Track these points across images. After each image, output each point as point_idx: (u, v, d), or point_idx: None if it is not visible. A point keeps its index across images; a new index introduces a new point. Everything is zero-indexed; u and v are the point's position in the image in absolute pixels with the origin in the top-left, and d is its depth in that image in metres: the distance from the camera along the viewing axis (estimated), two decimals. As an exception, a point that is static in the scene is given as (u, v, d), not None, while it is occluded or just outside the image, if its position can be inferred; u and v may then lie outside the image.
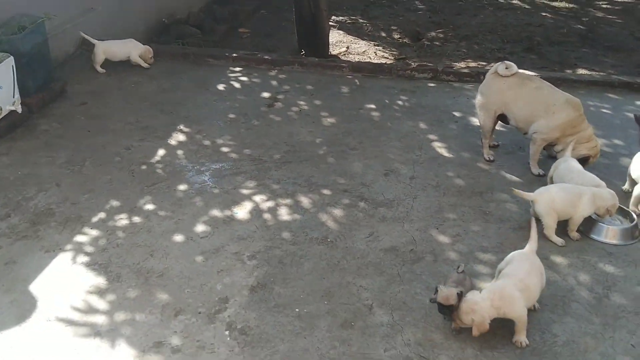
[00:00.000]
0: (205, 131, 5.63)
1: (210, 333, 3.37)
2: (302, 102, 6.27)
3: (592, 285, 3.73)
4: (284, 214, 4.46)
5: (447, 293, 3.21)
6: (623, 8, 10.09)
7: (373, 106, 6.22)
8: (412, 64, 7.23)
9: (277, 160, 5.18)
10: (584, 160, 4.71)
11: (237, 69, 7.08)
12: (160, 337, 3.33)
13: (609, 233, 4.19)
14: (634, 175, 4.50)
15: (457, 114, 6.09)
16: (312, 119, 5.91)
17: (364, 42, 8.50)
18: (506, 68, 4.93)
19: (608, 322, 3.44)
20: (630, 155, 4.78)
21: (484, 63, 7.48)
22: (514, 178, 4.91)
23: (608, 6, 10.23)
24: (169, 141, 5.45)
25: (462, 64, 7.47)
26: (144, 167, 5.05)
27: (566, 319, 3.46)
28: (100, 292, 3.66)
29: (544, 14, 9.78)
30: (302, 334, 3.37)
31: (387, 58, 7.81)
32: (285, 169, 5.04)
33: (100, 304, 3.58)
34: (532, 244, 3.52)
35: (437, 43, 8.50)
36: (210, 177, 4.91)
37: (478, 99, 5.10)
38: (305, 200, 4.62)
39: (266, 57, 7.27)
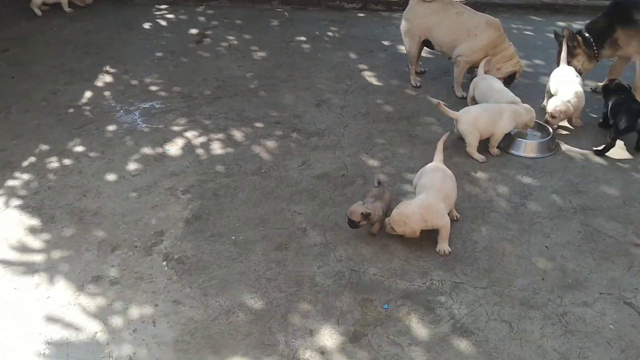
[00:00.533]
0: (132, 71, 5.54)
1: (148, 264, 3.44)
2: (231, 37, 6.21)
3: (510, 196, 3.97)
4: (217, 148, 4.50)
5: (352, 209, 3.42)
6: None
7: (303, 38, 6.22)
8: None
9: (208, 96, 5.17)
10: (511, 77, 4.91)
11: (163, 6, 6.92)
12: (98, 272, 3.38)
13: (527, 147, 4.42)
14: (552, 91, 4.72)
15: (386, 42, 6.17)
16: (241, 54, 5.88)
17: None
18: None
19: (524, 228, 3.69)
20: (550, 74, 4.98)
21: None
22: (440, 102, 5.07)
23: None
24: (95, 83, 5.35)
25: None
26: (71, 110, 4.96)
27: (485, 227, 3.69)
28: (35, 233, 3.66)
29: None
30: (238, 259, 3.48)
31: None
32: (217, 105, 5.04)
33: (36, 243, 3.58)
34: (438, 156, 3.69)
35: None
36: (139, 117, 4.87)
37: (403, 25, 5.18)
38: (237, 134, 4.66)
39: (191, -8, 7.11)
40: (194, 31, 6.33)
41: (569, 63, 4.83)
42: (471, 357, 2.88)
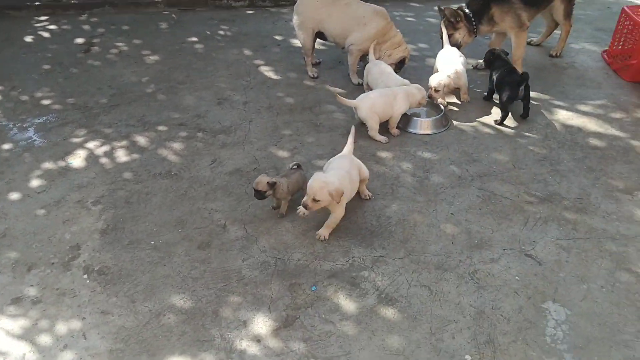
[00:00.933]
0: (21, 86, 5.30)
1: (68, 279, 3.35)
2: (120, 44, 6.08)
3: (414, 171, 4.22)
4: (122, 155, 4.43)
5: (258, 179, 3.60)
6: None
7: (195, 39, 6.20)
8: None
9: (105, 104, 5.06)
10: (401, 62, 5.17)
11: (43, 17, 6.63)
12: (16, 293, 3.26)
13: (423, 125, 4.70)
14: (439, 70, 5.04)
15: (278, 37, 6.28)
16: (134, 59, 5.78)
17: None
18: None
19: (430, 199, 3.94)
20: (434, 56, 5.31)
21: None
22: (338, 90, 5.22)
23: None
24: (-20, 102, 5.07)
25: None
26: (-43, 132, 4.68)
27: (396, 202, 3.91)
28: (-64, 265, 3.46)
29: None
30: (161, 262, 3.48)
31: None
32: (115, 112, 4.94)
33: (-60, 276, 3.39)
34: (348, 147, 3.86)
35: None
36: (35, 132, 4.69)
37: (295, 19, 5.31)
38: (141, 140, 4.61)
39: (73, 1, 6.85)
40: (80, 40, 6.14)
41: (451, 35, 5.15)
42: (398, 322, 3.07)
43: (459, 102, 5.07)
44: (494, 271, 3.39)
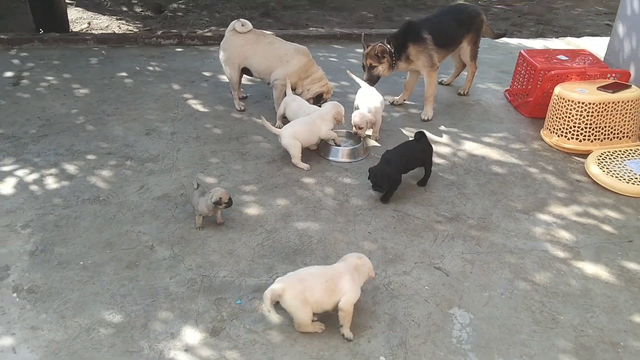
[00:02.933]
0: (-56, 116, 5.30)
1: (-4, 299, 3.41)
2: (50, 77, 6.16)
3: (335, 195, 4.53)
4: (51, 182, 4.51)
5: (222, 192, 3.93)
6: None
7: (125, 74, 6.37)
8: (158, 32, 7.45)
9: (33, 135, 5.13)
10: (319, 97, 5.54)
11: (-32, 51, 6.63)
12: (-60, 314, 3.28)
13: (343, 153, 5.04)
14: (358, 105, 5.42)
15: (206, 73, 6.54)
16: (63, 92, 5.89)
17: (106, 17, 8.42)
18: (242, 25, 5.48)
19: (350, 219, 4.25)
20: (355, 92, 5.70)
21: (224, 29, 7.92)
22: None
23: None
24: None
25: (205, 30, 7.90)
26: None
27: (318, 223, 4.19)
28: None
29: None
30: (90, 281, 3.58)
31: (132, 31, 7.87)
32: (44, 142, 5.03)
33: None
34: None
35: (179, 14, 8.74)
36: (-39, 160, 4.70)
37: (221, 55, 5.59)
38: (70, 168, 4.71)
39: (2, 36, 6.89)
40: (8, 74, 6.18)
41: (374, 68, 5.54)
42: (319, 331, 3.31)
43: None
44: (406, 282, 3.70)
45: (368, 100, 5.30)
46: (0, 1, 8.75)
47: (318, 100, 5.53)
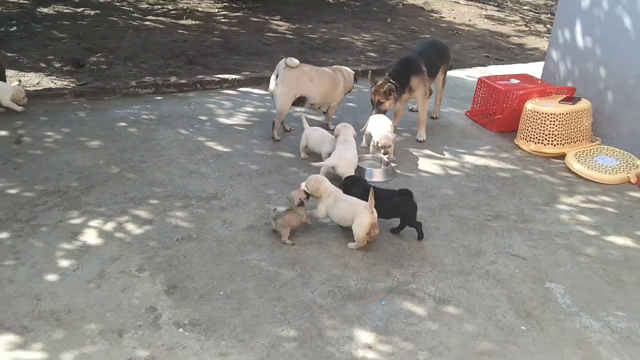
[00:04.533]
0: (-27, 178, 5.04)
1: (167, 335, 3.51)
2: (50, 133, 6.05)
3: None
4: (134, 228, 4.57)
5: (293, 193, 4.58)
6: (238, 21, 11.57)
7: (124, 123, 6.41)
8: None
9: (78, 187, 5.08)
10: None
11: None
12: (126, 356, 3.35)
13: (378, 174, 5.63)
14: (371, 133, 6.04)
15: (202, 117, 6.77)
16: (75, 146, 5.82)
17: (32, 73, 7.89)
18: (292, 61, 6.06)
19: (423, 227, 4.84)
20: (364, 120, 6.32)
21: (160, 78, 7.86)
22: (317, 164, 5.97)
23: (226, 20, 11.56)
24: None
25: (167, 78, 7.97)
26: None
27: (397, 234, 4.73)
28: (24, 347, 3.33)
29: (180, 31, 10.44)
30: (242, 306, 3.80)
31: (69, 85, 7.49)
32: (95, 193, 5.01)
33: (34, 355, 3.28)
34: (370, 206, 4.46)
35: (104, 67, 8.38)
36: (27, 218, 4.56)
37: (280, 90, 6.07)
38: (142, 213, 4.77)
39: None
40: (3, 133, 5.93)
41: (381, 104, 6.21)
42: (461, 314, 3.86)
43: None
44: (499, 269, 4.39)
45: (383, 123, 5.96)
46: None
47: None
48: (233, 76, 7.95)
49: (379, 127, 5.96)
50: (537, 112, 6.36)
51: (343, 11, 13.32)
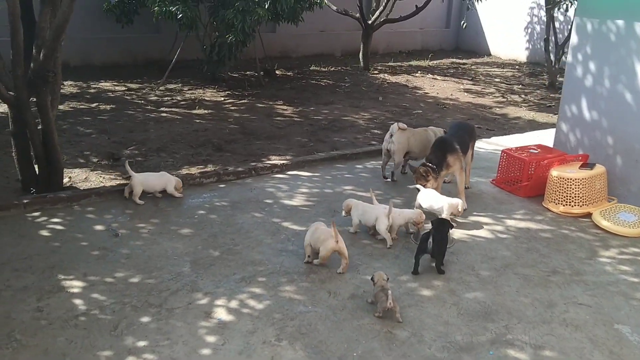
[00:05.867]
0: (90, 273, 5.68)
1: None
2: (142, 224, 6.70)
3: (464, 270, 5.91)
4: (255, 304, 5.23)
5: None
6: (246, 107, 12.35)
7: (203, 211, 7.12)
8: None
9: (189, 272, 5.75)
10: None
11: (36, 214, 6.86)
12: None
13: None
14: (424, 206, 6.91)
15: (268, 200, 7.53)
16: (169, 235, 6.49)
17: (77, 170, 8.44)
18: (404, 125, 7.95)
19: (497, 285, 5.65)
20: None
21: (202, 167, 8.69)
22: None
23: (235, 107, 12.30)
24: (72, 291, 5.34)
25: (197, 169, 8.73)
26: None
27: (470, 286, 5.53)
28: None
29: (197, 120, 11.12)
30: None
31: (117, 180, 8.06)
32: (207, 275, 5.66)
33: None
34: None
35: (139, 159, 8.95)
36: (157, 303, 5.21)
37: (394, 147, 7.85)
38: (256, 290, 5.45)
39: (62, 195, 7.20)
40: (99, 227, 6.59)
41: (425, 186, 7.14)
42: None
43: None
44: (573, 317, 5.22)
45: (435, 195, 6.91)
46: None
47: None
48: (281, 161, 8.77)
49: (434, 198, 6.87)
50: (563, 178, 7.35)
51: (337, 92, 14.36)
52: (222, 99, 13.01)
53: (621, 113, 7.66)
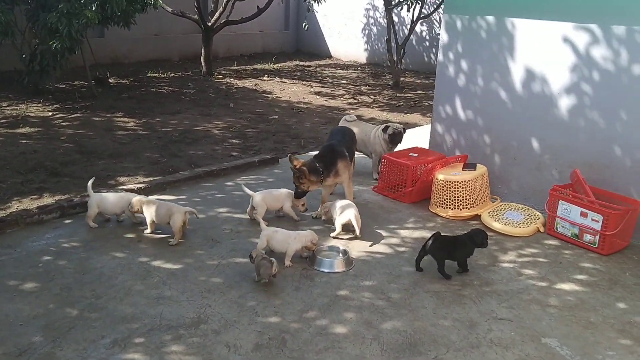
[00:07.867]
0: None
1: None
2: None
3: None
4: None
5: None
6: (80, 122, 10.89)
7: (48, 257, 5.78)
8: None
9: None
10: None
11: None
12: None
13: (336, 264, 5.76)
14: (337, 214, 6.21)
15: (130, 235, 6.36)
16: (10, 294, 5.12)
17: None
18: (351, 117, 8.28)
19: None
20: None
21: (36, 196, 7.35)
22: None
23: (67, 123, 10.83)
24: None
25: (31, 200, 7.32)
26: None
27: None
28: None
29: (23, 141, 9.59)
30: None
31: None
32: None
33: None
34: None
35: None
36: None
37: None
38: (136, 356, 4.36)
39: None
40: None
41: (302, 183, 6.47)
42: None
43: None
44: (498, 335, 4.79)
45: (348, 207, 6.34)
46: None
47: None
48: (138, 185, 7.57)
49: (345, 207, 6.35)
50: (450, 181, 7.04)
51: (182, 100, 13.35)
52: (50, 113, 11.38)
53: (496, 111, 7.56)
